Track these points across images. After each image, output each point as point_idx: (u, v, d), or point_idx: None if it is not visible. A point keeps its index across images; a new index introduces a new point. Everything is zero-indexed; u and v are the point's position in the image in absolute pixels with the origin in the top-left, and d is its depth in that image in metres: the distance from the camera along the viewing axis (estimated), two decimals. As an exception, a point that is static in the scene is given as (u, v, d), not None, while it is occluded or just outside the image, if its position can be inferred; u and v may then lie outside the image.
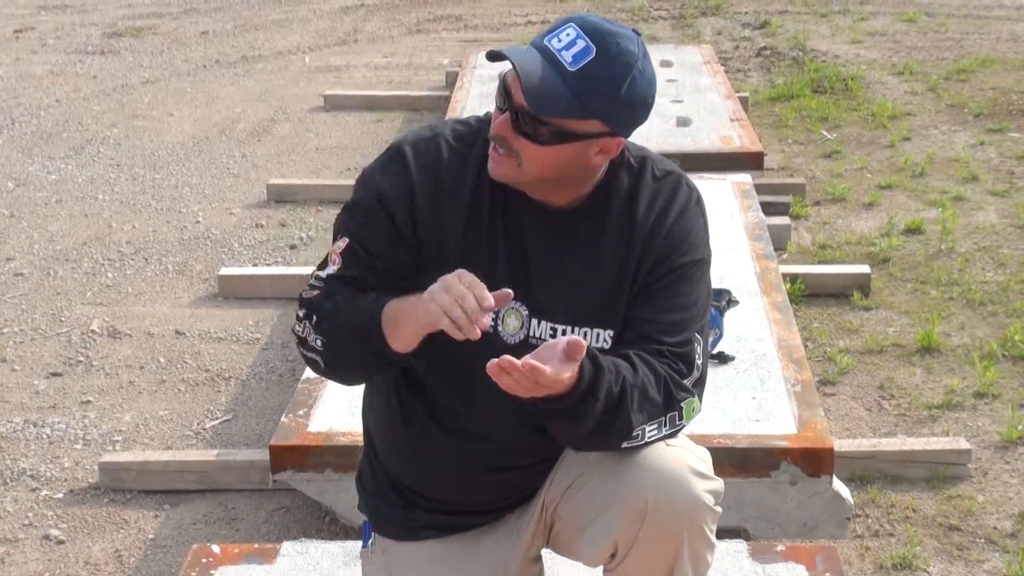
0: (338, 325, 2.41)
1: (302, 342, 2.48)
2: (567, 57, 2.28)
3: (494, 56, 2.31)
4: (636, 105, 2.36)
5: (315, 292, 2.48)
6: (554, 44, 2.30)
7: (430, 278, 2.31)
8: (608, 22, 2.33)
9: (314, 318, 2.44)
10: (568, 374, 2.18)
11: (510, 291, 2.25)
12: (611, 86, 2.30)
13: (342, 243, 2.48)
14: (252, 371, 4.90)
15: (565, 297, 2.39)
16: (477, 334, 2.19)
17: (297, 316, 2.50)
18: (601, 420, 2.28)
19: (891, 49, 10.09)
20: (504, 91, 2.35)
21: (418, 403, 2.56)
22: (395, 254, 2.45)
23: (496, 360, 2.13)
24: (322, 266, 2.51)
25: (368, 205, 2.46)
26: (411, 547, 2.66)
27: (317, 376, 4.05)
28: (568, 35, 2.30)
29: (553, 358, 2.18)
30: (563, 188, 2.43)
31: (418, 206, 2.43)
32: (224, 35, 11.29)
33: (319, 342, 2.44)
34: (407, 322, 2.31)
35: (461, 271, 2.25)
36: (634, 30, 2.37)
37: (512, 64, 2.28)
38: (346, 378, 2.61)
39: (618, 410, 2.28)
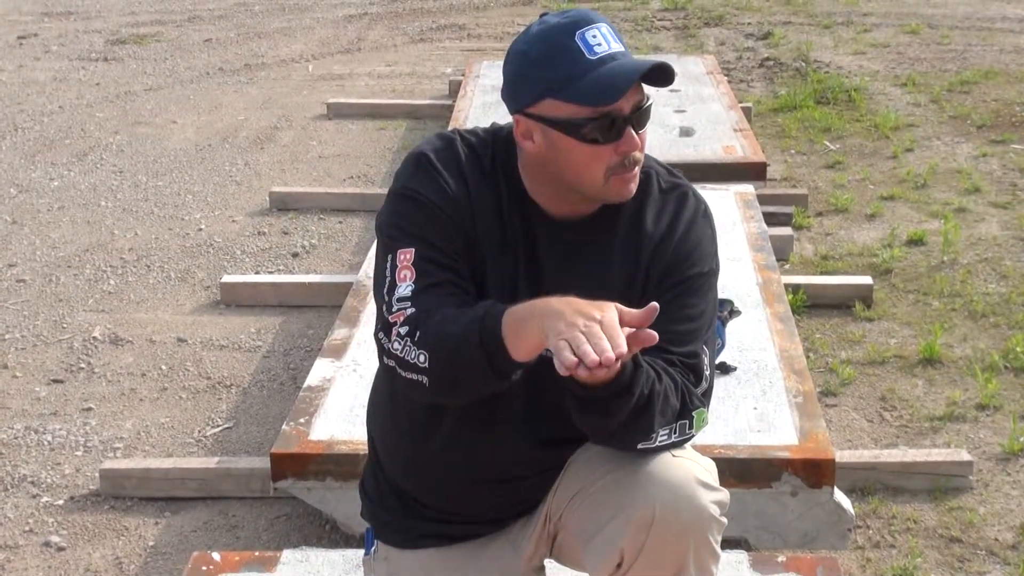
0: (447, 336, 2.27)
1: (401, 363, 2.32)
2: (616, 46, 2.33)
3: (618, 87, 2.30)
4: None
5: (408, 311, 2.33)
6: (603, 50, 2.32)
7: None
8: (552, 16, 2.39)
9: (417, 334, 2.30)
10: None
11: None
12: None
13: (407, 254, 2.38)
14: (253, 379, 4.90)
15: None
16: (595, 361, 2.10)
17: (390, 336, 2.33)
18: (629, 417, 2.27)
19: (894, 60, 10.10)
20: (614, 117, 2.32)
21: (421, 413, 2.55)
22: (458, 247, 2.40)
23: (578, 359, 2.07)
24: (391, 289, 2.37)
25: (418, 207, 2.41)
26: (413, 555, 2.66)
27: (319, 384, 4.08)
28: (594, 36, 2.32)
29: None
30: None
31: (458, 202, 2.42)
32: (227, 43, 11.31)
33: (422, 357, 2.28)
34: (531, 332, 2.20)
35: (608, 308, 2.15)
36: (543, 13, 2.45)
37: (645, 69, 2.30)
38: (451, 396, 2.42)
39: (645, 410, 2.28)
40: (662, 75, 2.32)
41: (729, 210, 5.62)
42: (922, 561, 3.68)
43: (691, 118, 7.17)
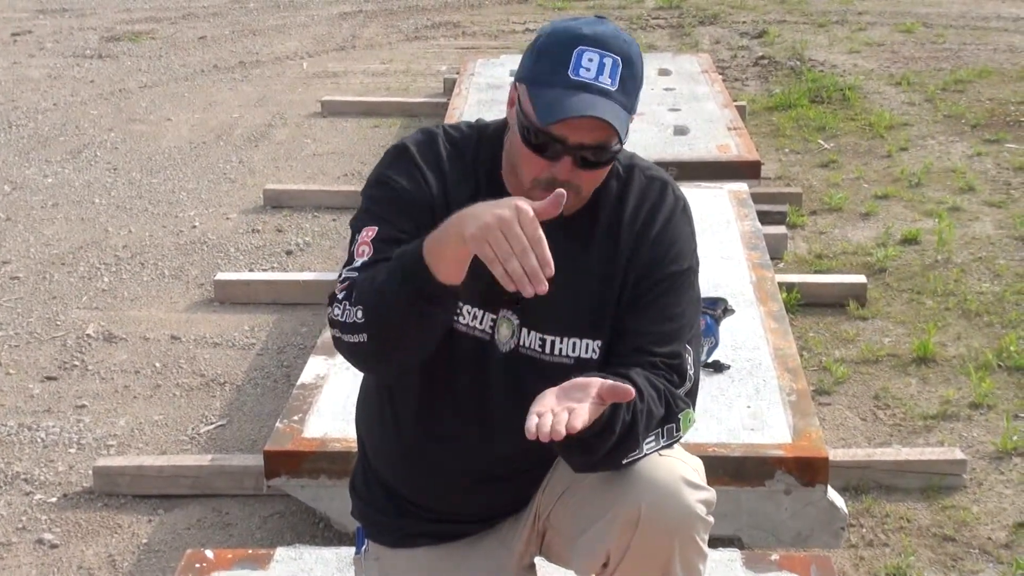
0: (378, 282, 2.26)
1: (343, 328, 2.31)
2: (606, 81, 2.29)
3: (554, 121, 2.28)
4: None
5: (354, 276, 2.35)
6: (587, 76, 2.29)
7: None
8: (598, 24, 2.35)
9: (354, 294, 2.30)
10: (595, 414, 2.17)
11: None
12: (639, 82, 2.36)
13: (370, 231, 2.39)
14: (247, 376, 4.90)
15: (555, 308, 2.39)
16: (530, 292, 2.08)
17: (332, 305, 2.34)
18: (612, 447, 2.28)
19: (889, 59, 10.10)
20: (553, 139, 2.31)
21: (409, 412, 2.55)
22: (428, 229, 2.38)
23: (535, 429, 2.07)
24: (347, 263, 2.39)
25: (388, 194, 2.43)
26: (404, 554, 2.66)
27: (312, 381, 4.08)
28: (591, 60, 2.30)
29: (585, 398, 2.15)
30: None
31: (434, 194, 2.43)
32: (222, 40, 11.29)
33: (359, 313, 2.27)
34: (450, 242, 2.18)
35: (521, 207, 2.11)
36: (597, 15, 2.40)
37: (598, 118, 2.26)
38: (393, 351, 2.35)
39: (628, 436, 2.28)
40: (620, 132, 2.28)
41: (723, 208, 5.62)
42: (915, 560, 3.68)
43: (685, 117, 7.17)
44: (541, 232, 2.10)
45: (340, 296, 2.33)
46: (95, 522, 3.96)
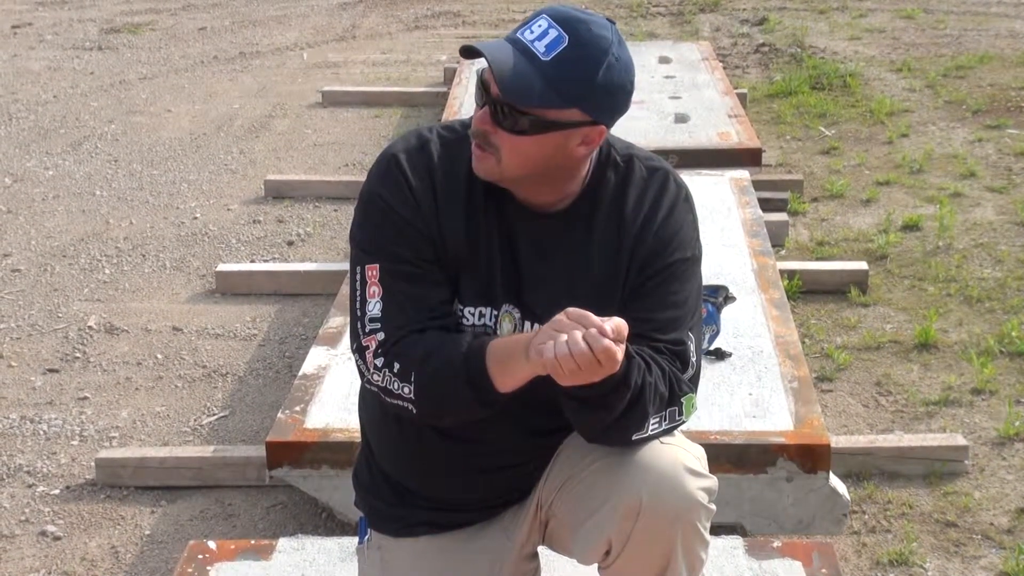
0: (430, 371, 2.32)
1: (385, 392, 2.38)
2: (540, 47, 2.28)
3: (467, 52, 2.29)
4: (615, 91, 2.34)
5: (379, 335, 2.38)
6: (526, 36, 2.30)
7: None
8: (580, 11, 2.33)
9: (396, 366, 2.35)
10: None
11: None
12: (587, 73, 2.29)
13: (374, 270, 2.41)
14: (249, 367, 4.90)
15: (556, 300, 2.38)
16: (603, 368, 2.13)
17: (367, 364, 2.39)
18: (624, 411, 2.28)
19: (889, 46, 10.09)
20: (482, 87, 2.34)
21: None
22: (427, 254, 2.41)
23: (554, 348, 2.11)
24: (362, 304, 2.41)
25: (382, 216, 2.43)
26: (407, 543, 2.66)
27: (314, 372, 4.08)
28: (540, 26, 2.30)
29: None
30: (548, 184, 2.42)
31: (422, 210, 2.42)
32: (222, 31, 11.29)
33: (407, 390, 2.34)
34: (518, 361, 2.25)
35: (581, 312, 2.18)
36: (607, 18, 2.36)
37: (485, 56, 2.28)
38: (441, 421, 2.48)
39: (638, 402, 2.29)
40: (509, 86, 2.28)
41: (724, 196, 5.62)
42: (918, 546, 3.68)
43: (686, 104, 7.16)
44: (589, 314, 2.16)
45: (378, 362, 2.38)
46: (98, 514, 3.97)
